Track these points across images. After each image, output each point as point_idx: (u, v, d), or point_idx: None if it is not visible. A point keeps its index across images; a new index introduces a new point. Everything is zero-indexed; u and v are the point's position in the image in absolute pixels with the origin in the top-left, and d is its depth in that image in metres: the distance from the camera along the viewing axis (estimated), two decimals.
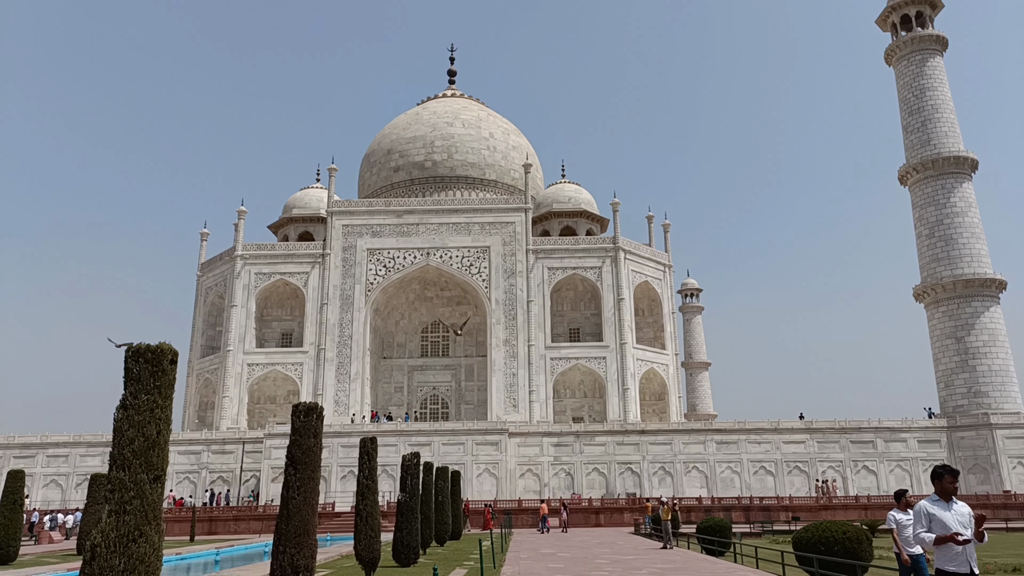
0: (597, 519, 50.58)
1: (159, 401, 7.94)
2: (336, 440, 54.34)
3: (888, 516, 11.75)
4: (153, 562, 7.41)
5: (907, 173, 65.91)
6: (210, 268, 74.12)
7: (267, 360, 68.25)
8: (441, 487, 32.83)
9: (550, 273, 69.96)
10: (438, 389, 72.53)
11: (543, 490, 55.84)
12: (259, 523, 48.57)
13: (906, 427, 58.08)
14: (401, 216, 70.98)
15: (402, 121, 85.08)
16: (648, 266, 73.92)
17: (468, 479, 53.66)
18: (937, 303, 62.27)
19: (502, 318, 68.30)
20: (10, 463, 55.81)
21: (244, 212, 72.37)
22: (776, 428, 58.08)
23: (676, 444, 57.49)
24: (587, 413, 69.17)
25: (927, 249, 63.63)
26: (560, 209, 79.12)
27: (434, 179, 79.83)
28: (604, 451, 57.26)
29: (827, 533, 18.04)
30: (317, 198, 79.33)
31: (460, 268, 69.72)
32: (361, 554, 17.92)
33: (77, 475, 56.85)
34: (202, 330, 73.46)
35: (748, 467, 56.91)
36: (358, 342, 67.69)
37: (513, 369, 66.92)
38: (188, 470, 57.22)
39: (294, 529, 12.55)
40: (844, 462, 57.14)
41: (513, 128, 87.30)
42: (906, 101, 67.48)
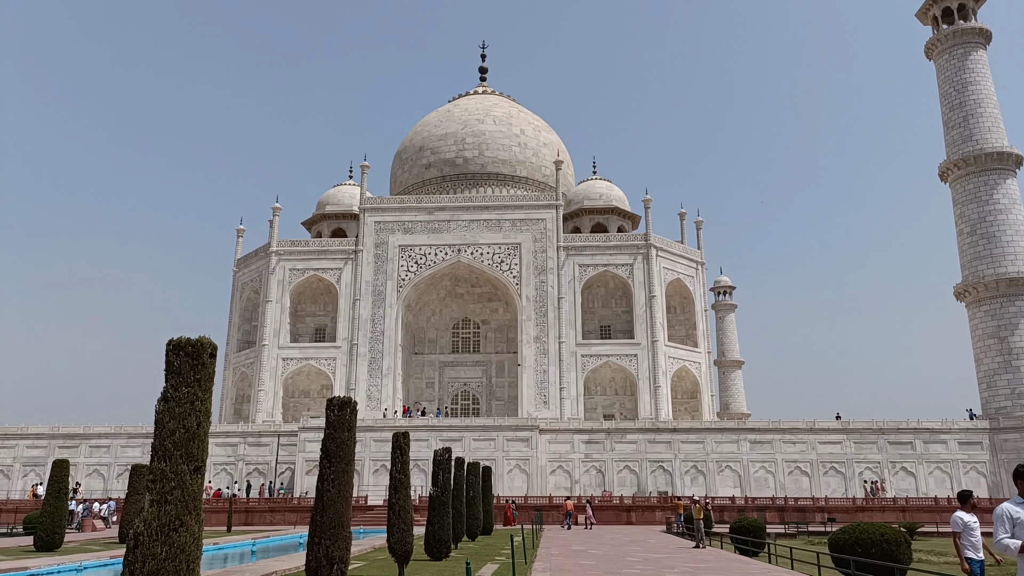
0: (628, 517, 50.37)
1: (199, 394, 8.09)
2: (368, 435, 54.89)
3: (953, 519, 10.88)
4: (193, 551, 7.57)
5: (948, 169, 64.34)
6: (246, 264, 75.37)
7: (301, 354, 69.22)
8: (472, 482, 32.96)
9: (581, 270, 69.77)
10: (469, 385, 72.85)
11: (574, 487, 55.78)
12: (294, 515, 49.32)
13: (946, 428, 56.77)
14: (432, 213, 71.35)
15: (433, 118, 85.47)
16: (680, 263, 73.31)
17: (499, 475, 53.82)
18: (979, 302, 60.73)
19: (533, 315, 68.32)
20: (55, 453, 57.42)
21: (279, 209, 73.43)
22: (812, 428, 57.20)
23: (709, 443, 56.97)
24: (618, 411, 68.88)
25: (968, 247, 62.07)
26: (591, 206, 78.83)
27: (465, 176, 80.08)
28: (635, 449, 56.97)
29: (864, 535, 17.73)
30: (350, 195, 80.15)
31: (491, 265, 69.89)
32: (394, 547, 18.09)
33: (118, 465, 58.29)
34: (238, 325, 74.78)
35: (783, 467, 56.17)
36: (390, 337, 68.28)
37: (544, 366, 66.91)
38: (225, 462, 58.30)
39: (329, 521, 12.72)
40: (882, 463, 56.07)
41: (544, 125, 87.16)
42: (947, 96, 65.83)
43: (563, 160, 77.85)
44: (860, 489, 55.01)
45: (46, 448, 59.11)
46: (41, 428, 60.18)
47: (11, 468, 59.05)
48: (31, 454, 59.30)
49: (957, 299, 62.91)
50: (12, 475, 58.82)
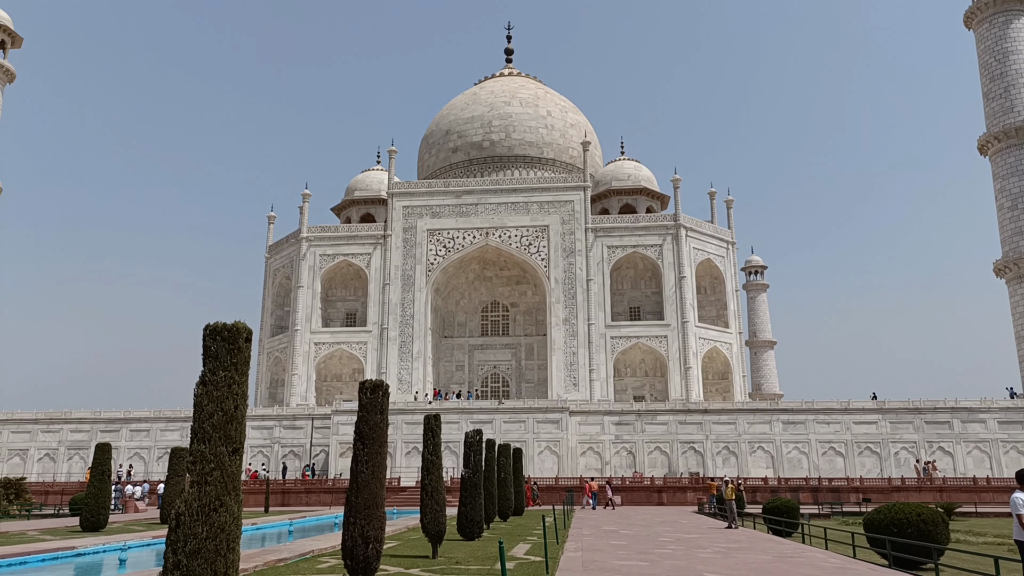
0: (659, 498, 50.38)
1: (236, 377, 8.23)
2: (400, 417, 55.51)
3: (1012, 499, 10.62)
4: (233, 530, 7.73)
5: (988, 142, 62.55)
6: (277, 250, 76.32)
7: (333, 339, 70.10)
8: (503, 464, 33.20)
9: (610, 251, 69.43)
10: (498, 368, 73.16)
11: (604, 468, 55.89)
12: (329, 496, 50.20)
13: (985, 407, 55.66)
14: (460, 196, 71.41)
15: (460, 102, 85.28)
16: (710, 243, 72.52)
17: (530, 457, 54.12)
18: (1020, 278, 59.18)
19: (561, 297, 68.24)
20: (97, 437, 59.06)
21: (308, 195, 74.11)
22: (846, 408, 56.50)
23: (740, 424, 56.60)
24: (648, 392, 68.70)
25: (1009, 222, 60.43)
26: (619, 187, 78.21)
27: (492, 159, 79.92)
28: (666, 430, 56.83)
29: (900, 515, 17.50)
30: (378, 180, 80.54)
31: (519, 247, 69.85)
32: (427, 527, 18.33)
33: (158, 448, 59.79)
34: (271, 310, 75.91)
35: (816, 448, 55.63)
36: (419, 321, 68.77)
37: (573, 348, 66.90)
38: (261, 444, 59.45)
39: (363, 501, 12.92)
40: (918, 443, 55.24)
41: (571, 106, 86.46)
42: (987, 66, 63.83)
43: (590, 141, 77.25)
44: (896, 469, 54.29)
45: (89, 432, 60.81)
46: (84, 413, 61.89)
47: (56, 451, 60.91)
48: (75, 438, 61.06)
49: (997, 275, 61.39)
50: (58, 458, 60.68)
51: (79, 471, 58.12)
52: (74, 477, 57.58)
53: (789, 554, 18.85)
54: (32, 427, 61.64)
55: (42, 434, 61.48)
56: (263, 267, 78.09)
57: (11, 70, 64.46)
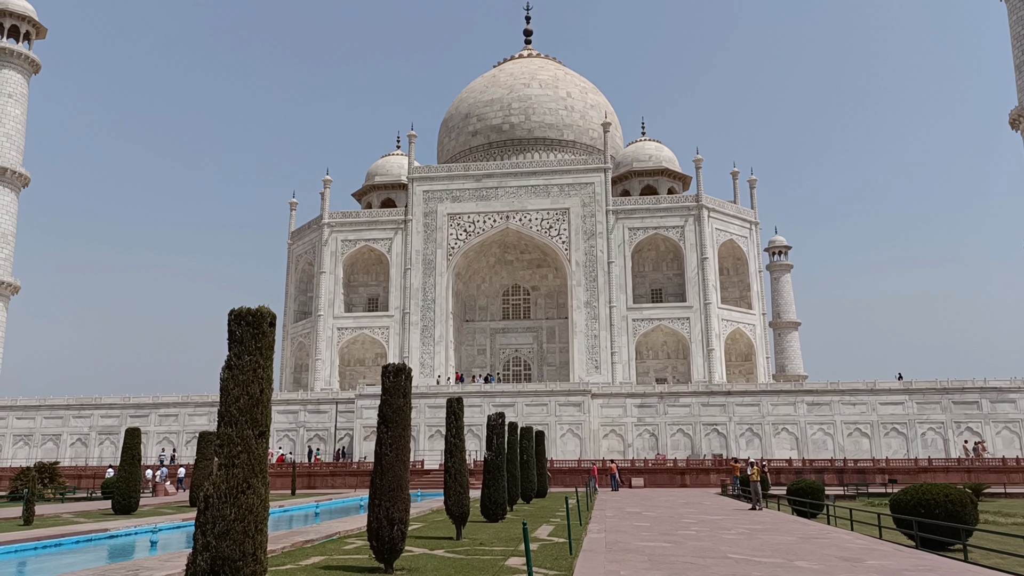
0: (682, 480, 50.35)
1: (261, 361, 8.33)
2: (423, 401, 55.90)
3: None
4: (260, 512, 7.86)
5: (1020, 116, 60.96)
6: (299, 236, 76.85)
7: (355, 324, 70.61)
8: (526, 447, 33.33)
9: (631, 233, 69.00)
10: (520, 351, 73.29)
11: (627, 451, 55.94)
12: (354, 479, 50.82)
13: (1016, 387, 54.74)
14: (480, 180, 71.28)
15: (479, 84, 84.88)
16: (733, 224, 71.78)
17: (552, 439, 54.28)
18: None
19: (583, 280, 68.06)
20: (127, 422, 60.21)
21: (329, 181, 74.40)
22: (872, 389, 55.89)
23: (764, 405, 56.26)
24: (671, 374, 68.47)
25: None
26: (640, 168, 77.57)
27: (512, 142, 79.58)
28: (689, 412, 56.67)
29: (928, 495, 17.32)
30: (398, 165, 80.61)
31: (540, 230, 69.66)
32: (451, 509, 18.49)
33: (186, 433, 60.83)
34: (294, 296, 76.59)
35: (842, 429, 55.17)
36: (441, 306, 69.02)
37: (594, 331, 66.79)
38: (287, 428, 60.25)
39: (388, 484, 13.05)
40: (946, 423, 54.56)
41: (591, 86, 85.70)
42: (1019, 38, 62.07)
43: (611, 122, 76.58)
44: (923, 450, 53.70)
45: (119, 417, 62.00)
46: (113, 398, 63.09)
47: (88, 436, 62.22)
48: (105, 423, 62.31)
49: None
50: (89, 443, 62.00)
51: (110, 456, 59.33)
52: (105, 461, 58.81)
53: (814, 535, 18.76)
54: (64, 413, 62.98)
55: (74, 420, 62.81)
56: (286, 253, 78.74)
57: (36, 61, 65.20)
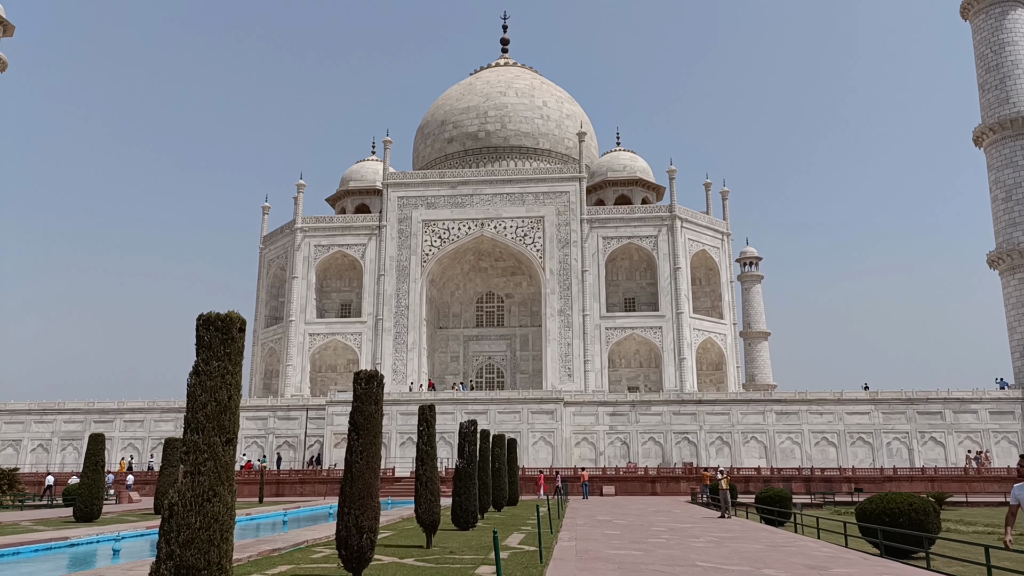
0: (653, 488, 50.65)
1: (229, 367, 8.20)
2: (395, 408, 55.56)
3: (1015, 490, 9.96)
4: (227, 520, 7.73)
5: (983, 133, 62.65)
6: (272, 241, 76.08)
7: (328, 330, 69.99)
8: (498, 454, 33.27)
9: (605, 242, 69.43)
10: (493, 359, 73.23)
11: (598, 458, 56.14)
12: (323, 486, 50.29)
13: (977, 398, 56.04)
14: (455, 187, 71.26)
15: (455, 92, 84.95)
16: (706, 234, 72.59)
17: (524, 447, 54.28)
18: (1013, 269, 59.47)
19: (556, 288, 68.27)
20: (91, 427, 58.98)
21: (303, 186, 73.81)
22: (839, 399, 56.80)
23: (734, 414, 56.86)
24: (643, 383, 68.89)
25: (1003, 213, 60.65)
26: (615, 177, 78.15)
27: (488, 149, 79.72)
28: (660, 421, 57.06)
29: (892, 504, 17.64)
30: (373, 170, 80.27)
31: (514, 238, 69.79)
32: (422, 517, 18.38)
33: (152, 439, 59.71)
34: (265, 301, 75.74)
35: (809, 438, 55.95)
36: (414, 312, 68.74)
37: (568, 339, 67.00)
38: (256, 435, 59.45)
39: (358, 492, 12.93)
40: (910, 433, 55.62)
41: (567, 96, 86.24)
42: (983, 57, 63.85)
43: (586, 132, 77.09)
44: (888, 459, 54.66)
45: (82, 423, 60.70)
46: (77, 403, 61.75)
47: (50, 442, 60.79)
48: (68, 428, 60.96)
49: (990, 267, 61.64)
50: (51, 448, 60.56)
51: (72, 462, 58.03)
52: (68, 467, 57.49)
53: (781, 543, 18.96)
54: (25, 418, 61.48)
55: (35, 424, 61.34)
56: (257, 257, 77.89)
57: (2, 59, 63.88)
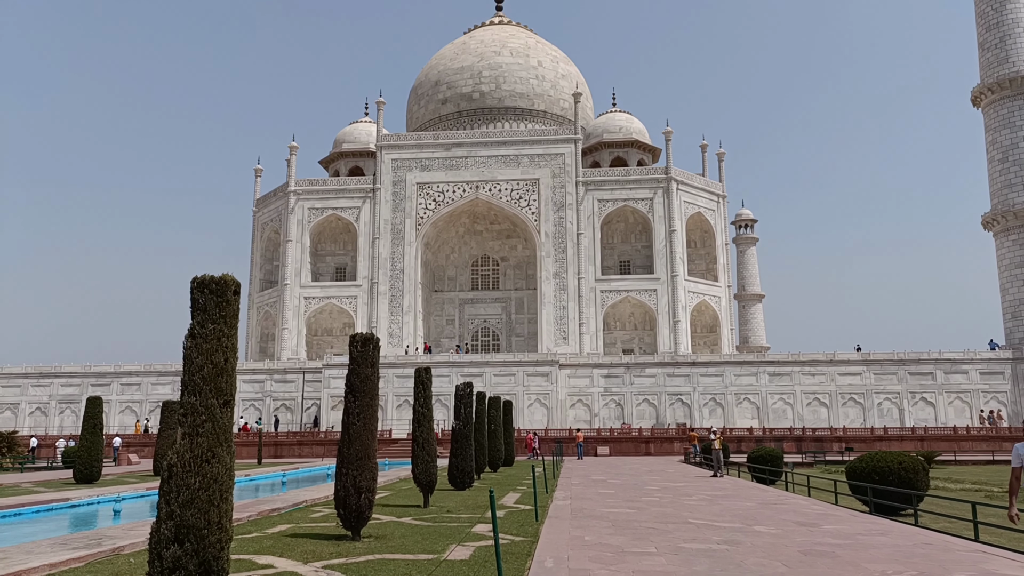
0: (647, 448, 51.31)
1: (225, 330, 8.17)
2: (391, 371, 55.87)
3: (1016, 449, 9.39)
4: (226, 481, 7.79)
5: (981, 93, 62.14)
6: (265, 204, 75.55)
7: (323, 293, 69.98)
8: (493, 416, 33.57)
9: (600, 205, 69.16)
10: (488, 322, 73.44)
11: (593, 420, 56.75)
12: (321, 448, 50.81)
13: (968, 359, 56.61)
14: (450, 149, 70.61)
15: (449, 51, 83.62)
16: (701, 197, 72.33)
17: (520, 409, 54.79)
18: (1007, 231, 59.56)
19: (552, 251, 68.18)
20: (88, 391, 59.22)
21: (295, 148, 73.04)
22: (832, 360, 57.30)
23: (727, 376, 57.37)
24: (637, 345, 69.30)
25: (999, 175, 60.51)
26: (610, 139, 77.51)
27: (482, 111, 78.82)
28: (654, 382, 57.56)
29: (882, 463, 17.90)
30: (366, 132, 79.40)
31: (509, 201, 69.44)
32: (419, 477, 18.59)
33: (149, 402, 60.08)
34: (260, 264, 75.51)
35: (801, 399, 56.59)
36: (410, 276, 68.68)
37: (563, 302, 67.15)
38: (253, 398, 59.84)
39: (355, 453, 13.05)
40: (901, 394, 56.29)
41: (562, 56, 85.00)
42: (984, 15, 63.00)
43: (581, 92, 76.14)
44: (879, 419, 55.40)
45: (79, 386, 60.95)
46: (74, 367, 61.92)
47: (48, 405, 61.10)
48: (66, 392, 61.22)
49: (985, 228, 61.73)
50: (49, 412, 60.91)
51: (71, 425, 58.43)
52: (66, 430, 57.88)
53: (772, 501, 19.29)
54: (22, 381, 61.69)
55: (32, 388, 61.58)
56: (251, 221, 77.43)
57: None
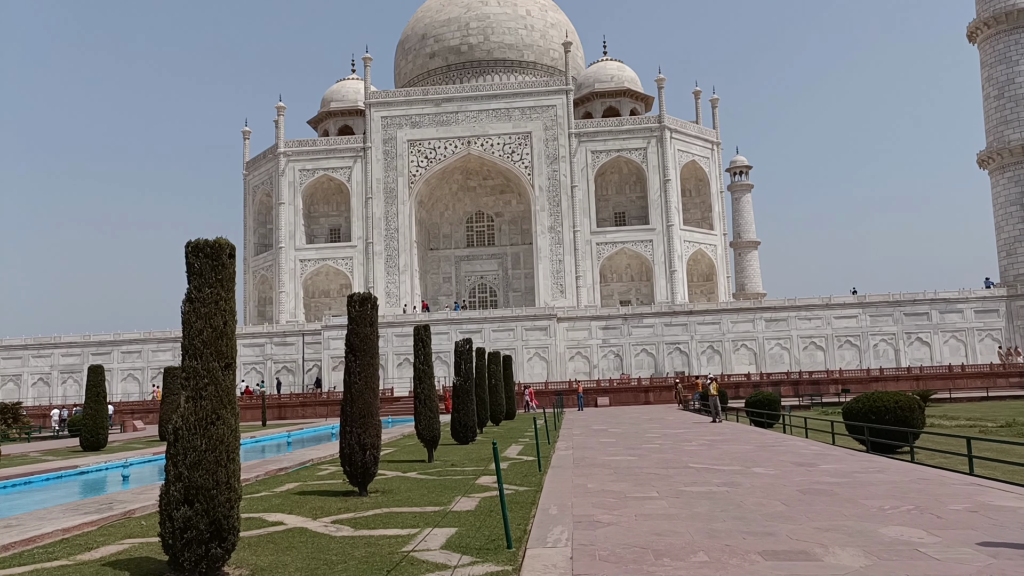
0: (646, 397, 51.97)
1: (222, 293, 8.16)
2: (390, 330, 56.11)
3: None
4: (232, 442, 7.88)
5: (977, 28, 61.18)
6: (255, 166, 74.77)
7: (318, 255, 69.79)
8: (494, 371, 33.86)
9: (594, 156, 68.59)
10: (485, 278, 73.49)
11: (592, 372, 57.30)
12: (324, 408, 51.35)
13: (963, 298, 56.99)
14: (439, 105, 69.63)
15: (435, 3, 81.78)
16: (695, 145, 71.72)
17: (519, 363, 55.24)
18: (1003, 168, 59.35)
19: (546, 205, 67.85)
20: (89, 360, 59.48)
21: (283, 108, 71.92)
22: (828, 304, 57.65)
23: (725, 323, 57.76)
24: (634, 296, 69.55)
25: (995, 111, 60.00)
26: (602, 89, 76.44)
27: (471, 64, 77.50)
28: (652, 332, 57.96)
29: (878, 402, 18.15)
30: (354, 90, 78.16)
31: (502, 156, 68.80)
32: (422, 433, 18.84)
33: (151, 369, 60.43)
34: (253, 228, 75.11)
35: (798, 343, 57.10)
36: (404, 235, 68.43)
37: (559, 255, 67.12)
38: (254, 361, 60.20)
39: (358, 411, 13.18)
40: (897, 334, 56.81)
41: (551, 3, 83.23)
42: None
43: (572, 41, 74.79)
44: (875, 360, 56.00)
45: (80, 356, 61.20)
46: (73, 337, 62.08)
47: (50, 376, 61.44)
48: (66, 362, 61.50)
49: (980, 167, 61.50)
50: (52, 382, 61.28)
51: (75, 394, 58.83)
52: (70, 400, 58.33)
53: (770, 443, 19.62)
54: (23, 353, 61.91)
55: (33, 359, 61.83)
56: (241, 184, 76.72)
57: None
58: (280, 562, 8.01)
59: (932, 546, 7.60)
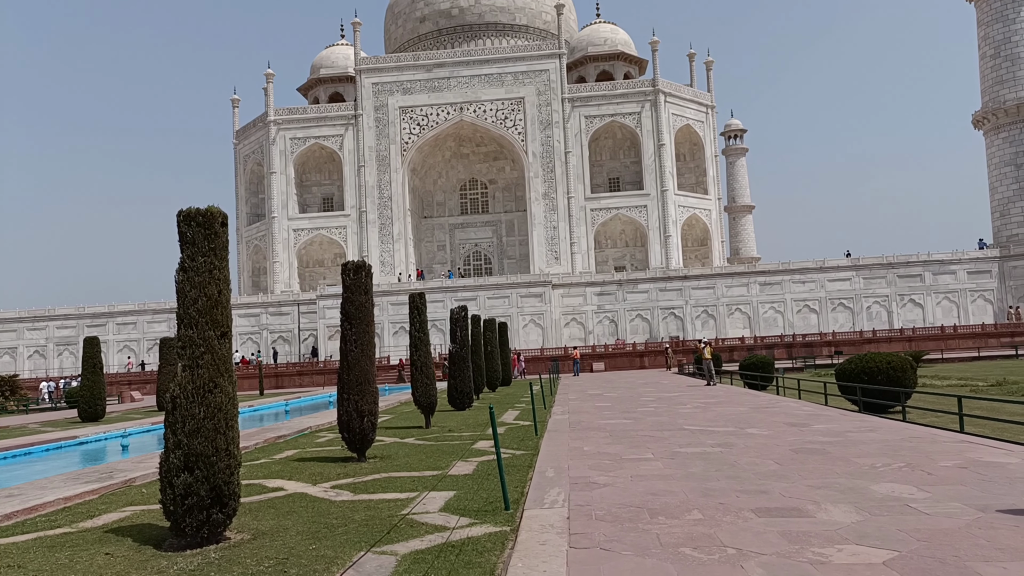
0: (641, 362, 52.32)
1: (216, 262, 8.12)
2: (385, 299, 56.14)
3: None
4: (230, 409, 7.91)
5: None
6: (245, 135, 73.98)
7: (311, 225, 69.47)
8: (489, 338, 33.95)
9: (587, 122, 68.04)
10: (480, 245, 73.37)
11: (588, 337, 57.59)
12: (321, 377, 51.59)
13: (956, 259, 57.23)
14: (431, 70, 68.75)
15: None
16: (690, 108, 71.16)
17: (515, 330, 55.45)
18: (998, 128, 59.15)
19: (540, 171, 67.48)
20: (84, 332, 59.47)
21: (272, 75, 70.94)
22: (821, 267, 57.84)
23: (719, 288, 57.95)
24: (629, 262, 69.60)
25: (991, 71, 59.58)
26: (596, 52, 75.53)
27: (462, 28, 76.36)
28: (647, 298, 58.14)
29: (871, 363, 18.29)
30: (344, 56, 77.06)
31: (495, 122, 68.18)
32: (419, 399, 18.95)
33: (147, 340, 60.49)
34: (245, 198, 74.61)
35: (791, 306, 57.40)
36: (398, 203, 68.08)
37: (553, 222, 66.96)
38: (249, 331, 60.27)
39: (355, 378, 13.23)
40: (890, 296, 57.13)
41: None
42: None
43: (564, 3, 73.63)
44: (868, 322, 56.39)
45: (75, 328, 61.16)
46: (68, 309, 61.96)
47: (45, 348, 61.47)
48: (62, 334, 61.48)
49: (975, 127, 61.25)
50: (48, 354, 61.32)
51: (71, 366, 58.93)
52: (66, 371, 58.45)
53: (764, 405, 19.83)
54: (18, 325, 61.83)
55: (28, 332, 61.78)
56: (232, 154, 75.99)
57: None
58: (281, 526, 8.11)
59: (922, 501, 7.73)
